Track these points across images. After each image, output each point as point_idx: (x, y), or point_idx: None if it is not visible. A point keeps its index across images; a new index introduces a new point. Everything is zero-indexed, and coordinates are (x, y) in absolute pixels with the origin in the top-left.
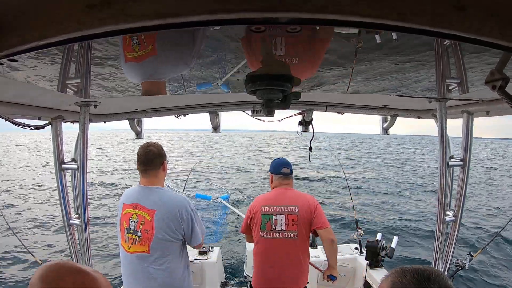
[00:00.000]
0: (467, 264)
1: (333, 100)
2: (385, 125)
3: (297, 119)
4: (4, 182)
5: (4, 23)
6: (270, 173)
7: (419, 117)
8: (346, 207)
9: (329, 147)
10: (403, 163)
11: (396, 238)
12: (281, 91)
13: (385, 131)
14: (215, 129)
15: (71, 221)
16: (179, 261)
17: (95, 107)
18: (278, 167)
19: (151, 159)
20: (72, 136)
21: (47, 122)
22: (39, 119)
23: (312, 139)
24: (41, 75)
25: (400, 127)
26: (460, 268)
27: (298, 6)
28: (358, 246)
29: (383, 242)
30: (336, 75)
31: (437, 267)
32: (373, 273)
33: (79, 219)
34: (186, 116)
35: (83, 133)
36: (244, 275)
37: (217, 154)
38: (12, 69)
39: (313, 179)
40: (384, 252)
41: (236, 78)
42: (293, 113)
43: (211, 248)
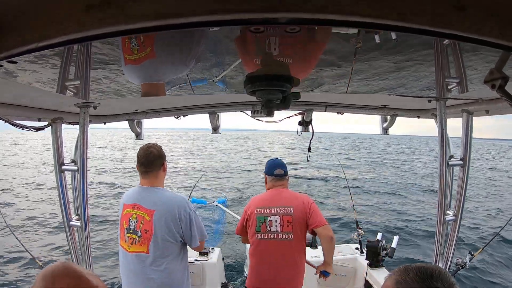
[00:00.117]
0: (467, 263)
1: (333, 100)
2: (384, 125)
3: (297, 119)
4: (2, 180)
5: (3, 24)
6: (264, 174)
7: (418, 117)
8: (346, 207)
9: (330, 146)
10: (402, 163)
11: (396, 237)
12: (280, 91)
13: (385, 131)
14: (215, 129)
15: (71, 222)
16: (178, 262)
17: (95, 108)
18: (272, 169)
19: (152, 161)
20: (70, 135)
21: (46, 123)
22: (39, 120)
23: (311, 139)
24: (41, 77)
25: (400, 127)
26: (460, 267)
27: (298, 6)
28: (358, 246)
29: (384, 242)
30: (335, 75)
31: None
32: (374, 273)
33: (79, 220)
34: (185, 117)
35: (83, 134)
36: (244, 275)
37: (217, 153)
38: (11, 70)
39: (313, 178)
40: (384, 252)
41: (236, 79)
42: (292, 114)
43: (212, 249)
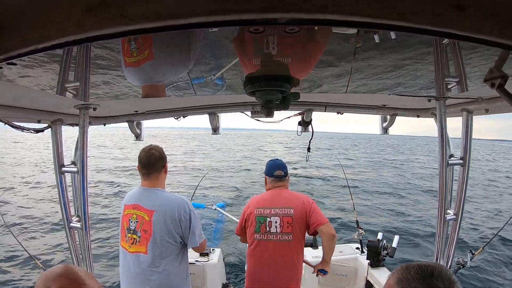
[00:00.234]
0: (468, 262)
1: (332, 100)
2: (384, 124)
3: (297, 119)
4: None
5: (2, 25)
6: (264, 175)
7: (418, 116)
8: (346, 207)
9: (330, 146)
10: (402, 163)
11: (397, 237)
12: (280, 91)
13: (385, 130)
14: (215, 130)
15: (71, 224)
16: (177, 264)
17: (95, 110)
18: (271, 170)
19: (153, 163)
20: (69, 133)
21: (46, 125)
22: (39, 122)
23: (311, 139)
24: (41, 78)
25: (400, 126)
26: (461, 266)
27: (298, 6)
28: (359, 246)
29: (384, 241)
30: (335, 75)
31: None
32: (375, 273)
33: (79, 222)
34: (185, 117)
35: (83, 136)
36: (245, 276)
37: (218, 153)
38: (11, 72)
39: (313, 178)
40: (385, 251)
41: (235, 80)
42: (292, 114)
43: (212, 249)
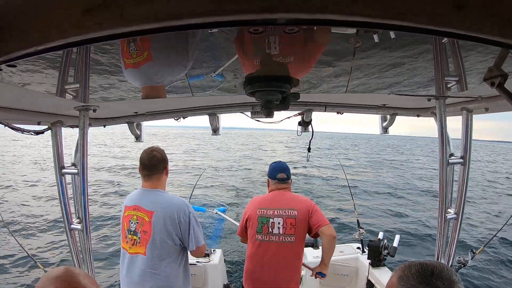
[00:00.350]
0: (469, 261)
1: (332, 100)
2: (384, 124)
3: (297, 120)
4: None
5: (2, 26)
6: (267, 177)
7: (418, 116)
8: (346, 207)
9: (330, 146)
10: (402, 163)
11: (398, 236)
12: (280, 92)
13: (385, 130)
14: (215, 131)
15: (72, 226)
16: (176, 266)
17: (94, 111)
18: (274, 172)
19: (155, 165)
20: (70, 130)
21: (46, 127)
22: (39, 124)
23: (311, 139)
24: (40, 80)
25: (401, 126)
26: (462, 265)
27: (298, 6)
28: (360, 245)
29: (385, 241)
30: (334, 75)
31: None
32: (376, 273)
33: (80, 223)
34: (185, 118)
35: (83, 137)
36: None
37: (218, 152)
38: (11, 74)
39: (313, 178)
40: (386, 251)
41: (235, 81)
42: (292, 114)
43: (213, 250)
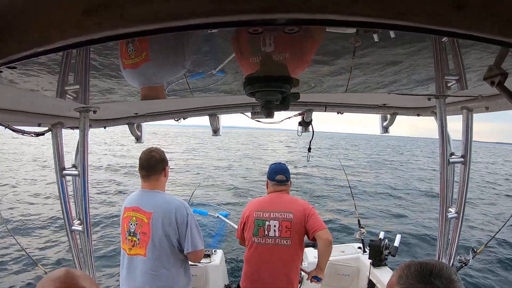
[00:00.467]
0: (470, 260)
1: (332, 100)
2: (385, 123)
3: (297, 119)
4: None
5: (2, 28)
6: (266, 178)
7: (418, 115)
8: (347, 207)
9: (330, 146)
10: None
11: (399, 236)
12: (280, 92)
13: (385, 129)
14: (215, 132)
15: (73, 227)
16: (176, 268)
17: (95, 112)
18: (273, 174)
19: (153, 165)
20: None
21: (47, 128)
22: (39, 125)
23: (311, 139)
24: (41, 82)
25: (402, 125)
26: (463, 264)
27: (298, 6)
28: (361, 245)
29: (386, 240)
30: (334, 75)
31: None
32: (377, 272)
33: (81, 225)
34: (185, 119)
35: (83, 138)
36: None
37: (218, 151)
38: (11, 76)
39: (314, 178)
40: (387, 250)
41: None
42: (292, 114)
43: (214, 251)
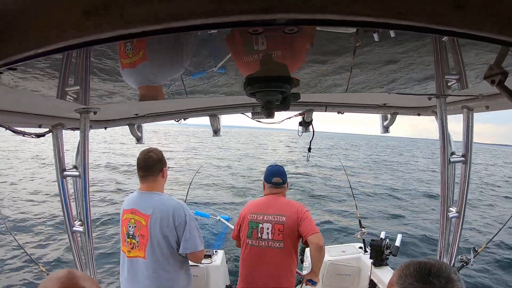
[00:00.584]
0: (471, 259)
1: (333, 100)
2: (385, 123)
3: (297, 119)
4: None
5: (1, 31)
6: (263, 180)
7: (419, 114)
8: (348, 207)
9: (331, 146)
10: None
11: (400, 236)
12: (280, 92)
13: (386, 129)
14: (216, 132)
15: (74, 228)
16: (177, 269)
17: (95, 113)
18: (270, 176)
19: (150, 166)
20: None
21: (47, 129)
22: (40, 127)
23: (312, 139)
24: (41, 83)
25: (402, 125)
26: (465, 264)
27: (298, 6)
28: (362, 245)
29: (387, 240)
30: (334, 75)
31: None
32: (378, 272)
33: (82, 225)
34: (186, 120)
35: (84, 140)
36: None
37: (219, 151)
38: (11, 77)
39: (314, 178)
40: (388, 250)
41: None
42: (293, 114)
43: (215, 251)
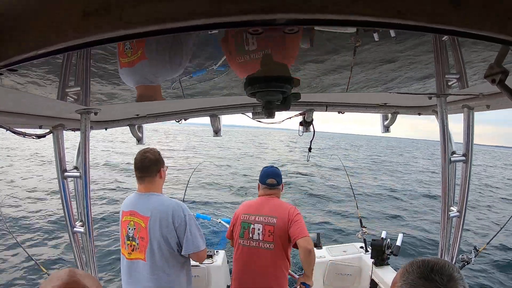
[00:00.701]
0: (472, 259)
1: (333, 99)
2: (386, 122)
3: (297, 119)
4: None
5: (1, 32)
6: (258, 181)
7: (419, 114)
8: (348, 207)
9: (331, 146)
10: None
11: (401, 235)
12: (280, 92)
13: (386, 128)
14: (216, 132)
15: (75, 229)
16: (177, 271)
17: (96, 114)
18: (264, 177)
19: (147, 166)
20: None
21: (48, 130)
22: (40, 128)
23: (312, 139)
24: (41, 84)
25: (402, 125)
26: (466, 263)
27: (298, 6)
28: (363, 245)
29: (388, 240)
30: (335, 74)
31: None
32: (379, 272)
33: (83, 226)
34: (186, 120)
35: (85, 140)
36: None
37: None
38: (12, 78)
39: (314, 177)
40: (389, 250)
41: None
42: (293, 114)
43: (216, 251)
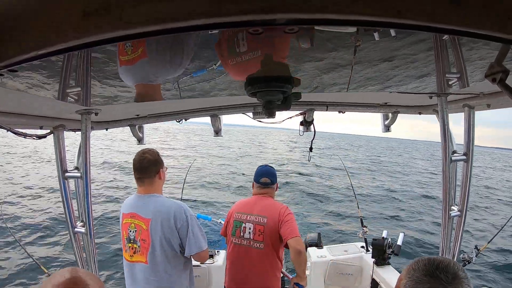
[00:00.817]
0: (473, 258)
1: (334, 99)
2: (386, 122)
3: (297, 119)
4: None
5: (1, 33)
6: (253, 180)
7: (420, 113)
8: (349, 207)
9: (331, 146)
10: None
11: (402, 235)
12: (281, 92)
13: (387, 128)
14: (217, 132)
15: (76, 229)
16: (179, 273)
17: (96, 114)
18: (258, 176)
19: (146, 167)
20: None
21: (48, 131)
22: (41, 128)
23: (313, 139)
24: (42, 85)
25: (403, 125)
26: (467, 262)
27: (298, 6)
28: (364, 244)
29: (389, 239)
30: (335, 74)
31: None
32: (380, 271)
33: (84, 227)
34: (187, 120)
35: (85, 141)
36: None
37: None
38: (12, 79)
39: (314, 177)
40: (390, 249)
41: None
42: (294, 114)
43: (217, 251)
